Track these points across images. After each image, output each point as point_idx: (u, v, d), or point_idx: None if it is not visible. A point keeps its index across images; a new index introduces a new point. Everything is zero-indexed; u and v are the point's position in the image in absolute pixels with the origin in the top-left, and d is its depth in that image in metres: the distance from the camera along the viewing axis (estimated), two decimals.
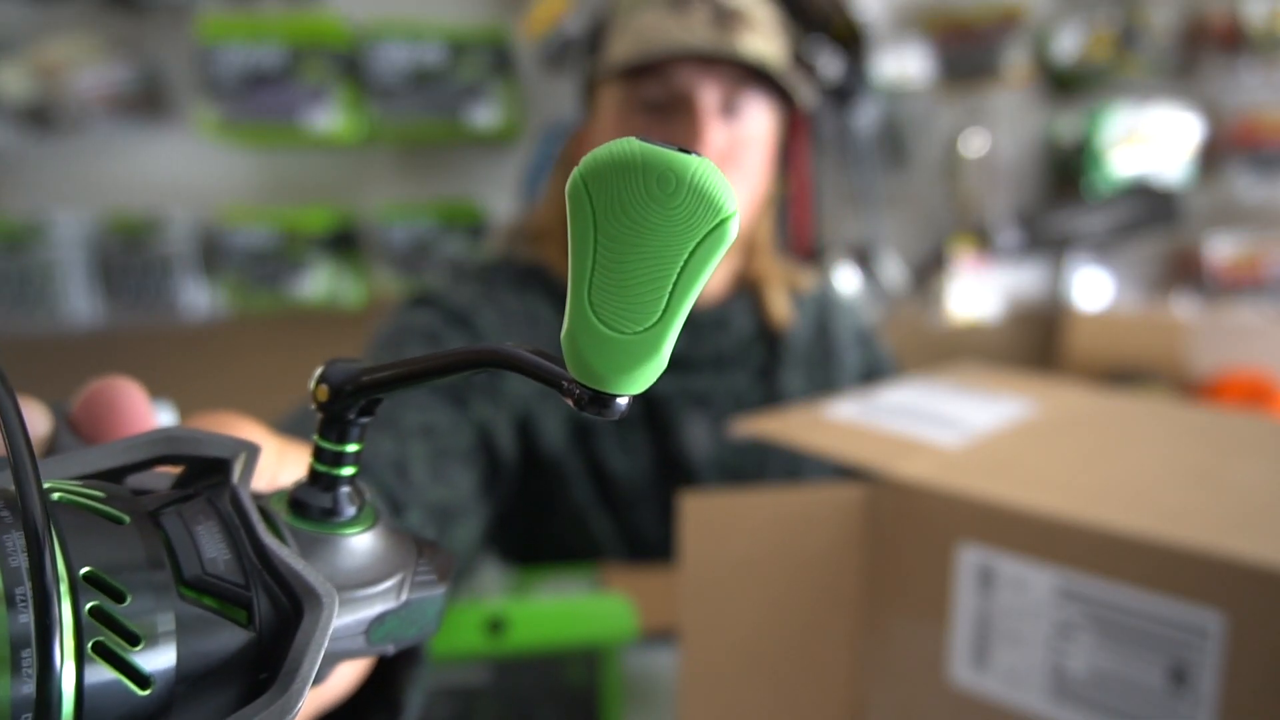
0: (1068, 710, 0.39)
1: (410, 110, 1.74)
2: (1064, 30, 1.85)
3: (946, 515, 0.42)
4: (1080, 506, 0.39)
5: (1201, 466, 0.45)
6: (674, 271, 0.17)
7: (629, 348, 0.17)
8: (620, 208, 0.16)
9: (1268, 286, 1.88)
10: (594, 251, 0.17)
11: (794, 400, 0.86)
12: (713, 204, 0.16)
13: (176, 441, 0.21)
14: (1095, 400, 0.59)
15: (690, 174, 0.16)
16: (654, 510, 0.81)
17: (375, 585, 0.21)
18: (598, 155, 0.17)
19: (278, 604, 0.19)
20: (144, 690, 0.17)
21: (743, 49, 0.72)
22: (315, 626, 0.18)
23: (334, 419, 0.21)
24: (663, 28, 0.72)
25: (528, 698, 0.59)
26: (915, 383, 0.68)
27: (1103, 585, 0.37)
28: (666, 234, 0.16)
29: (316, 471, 0.21)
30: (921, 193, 1.96)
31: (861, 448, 0.48)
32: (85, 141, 1.95)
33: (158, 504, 0.20)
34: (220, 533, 0.19)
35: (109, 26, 1.90)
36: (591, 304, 0.17)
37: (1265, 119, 1.83)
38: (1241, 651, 0.34)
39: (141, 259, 1.87)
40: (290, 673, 0.18)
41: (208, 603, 0.18)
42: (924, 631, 0.44)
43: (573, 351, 0.17)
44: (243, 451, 0.21)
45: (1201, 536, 0.36)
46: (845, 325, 0.93)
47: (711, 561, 0.45)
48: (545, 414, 0.77)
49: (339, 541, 0.21)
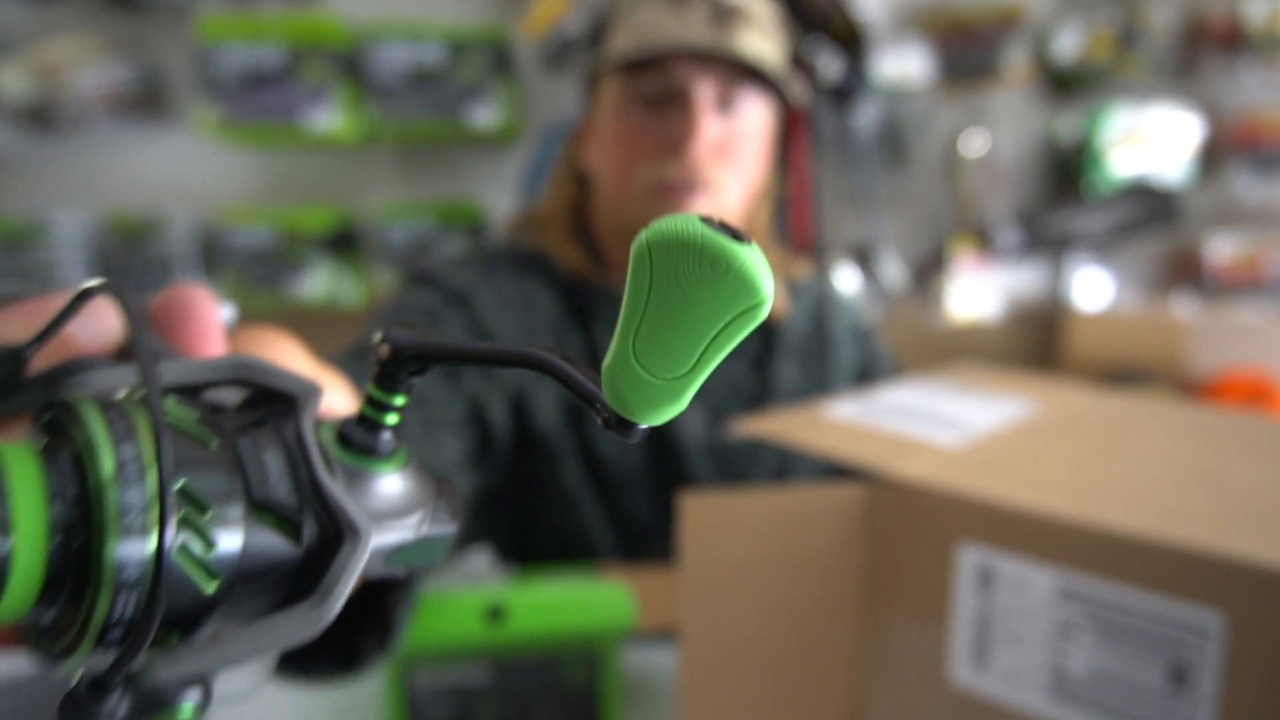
0: (1067, 710, 0.39)
1: (410, 110, 1.74)
2: (1064, 30, 1.85)
3: (946, 515, 0.42)
4: (1080, 506, 0.39)
5: (1202, 467, 0.45)
6: (709, 336, 0.20)
7: (660, 390, 0.20)
8: (675, 276, 0.19)
9: (1267, 286, 1.88)
10: (645, 308, 0.20)
11: (787, 391, 0.87)
12: (754, 290, 0.19)
13: (252, 370, 0.24)
14: (1095, 400, 0.59)
15: (739, 262, 0.19)
16: (644, 494, 0.82)
17: (401, 519, 0.25)
18: (664, 226, 0.19)
19: (323, 530, 0.23)
20: (212, 582, 0.21)
21: (739, 47, 0.74)
22: (352, 554, 0.22)
23: (388, 374, 0.24)
24: (662, 24, 0.74)
25: (527, 697, 0.59)
26: (915, 383, 0.68)
27: (1102, 585, 0.37)
28: (710, 306, 0.19)
29: (365, 415, 0.25)
30: (921, 193, 1.97)
31: (861, 448, 0.48)
32: (85, 141, 1.95)
33: (234, 427, 0.23)
34: (284, 461, 0.23)
35: (109, 27, 1.90)
36: (635, 350, 0.20)
37: (1265, 119, 1.83)
38: (1241, 652, 0.34)
39: (141, 259, 1.87)
40: (327, 590, 0.22)
41: (266, 520, 0.22)
42: (924, 631, 0.44)
43: (612, 385, 0.21)
44: (309, 392, 0.24)
45: (1201, 537, 0.36)
46: (842, 321, 0.93)
47: (711, 561, 0.45)
48: (539, 394, 0.78)
49: (375, 476, 0.25)
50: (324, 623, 0.21)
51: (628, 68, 0.76)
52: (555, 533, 0.84)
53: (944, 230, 1.98)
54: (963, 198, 1.87)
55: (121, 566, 0.19)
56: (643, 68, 0.76)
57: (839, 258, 1.78)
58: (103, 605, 0.19)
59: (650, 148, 0.76)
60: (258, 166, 1.97)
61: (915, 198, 1.97)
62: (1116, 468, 0.45)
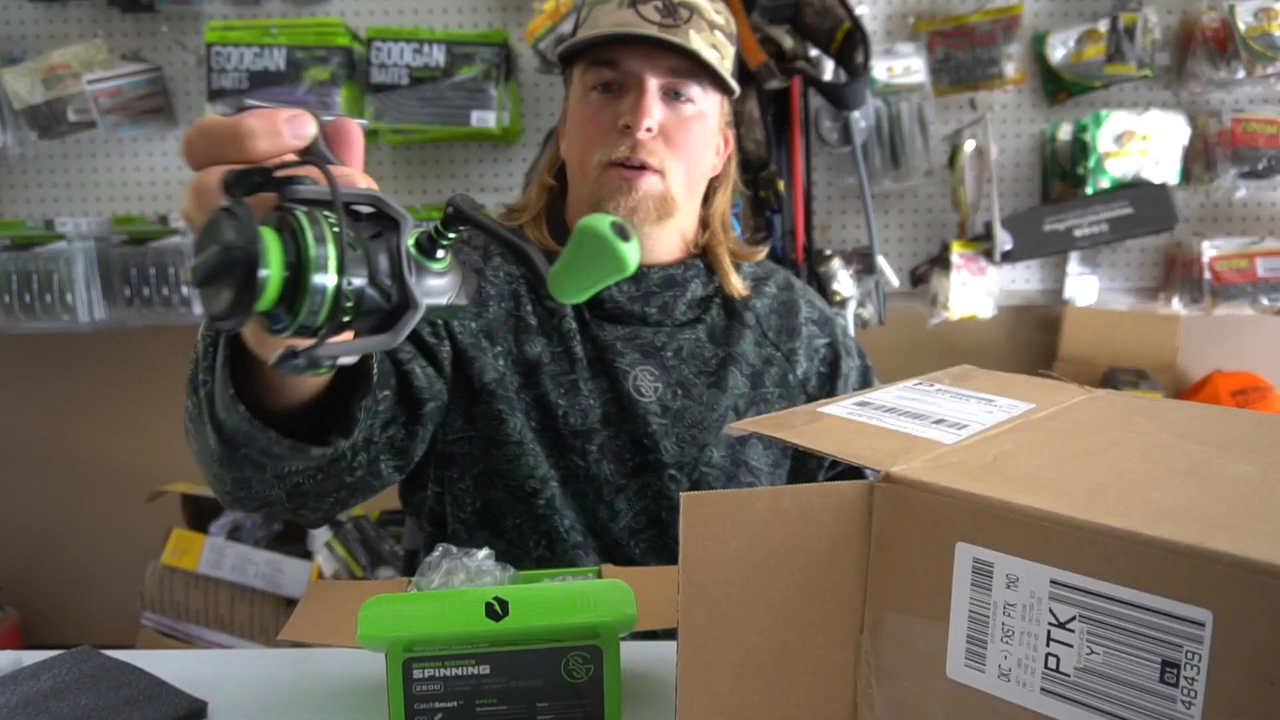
0: (1063, 706, 0.40)
1: (411, 111, 1.75)
2: (1060, 33, 1.86)
3: (944, 514, 0.43)
4: (1074, 504, 0.40)
5: (1194, 464, 0.45)
6: (595, 284, 0.41)
7: (569, 294, 0.42)
8: (587, 248, 0.40)
9: (1260, 287, 1.89)
10: (571, 259, 0.41)
11: (747, 363, 0.92)
12: (623, 267, 0.40)
13: (380, 202, 0.43)
14: (1091, 399, 0.60)
15: (619, 251, 0.39)
16: (598, 446, 0.87)
17: (441, 295, 0.46)
18: (590, 219, 0.40)
19: (401, 298, 0.43)
20: (350, 309, 0.41)
21: (684, 41, 0.83)
22: (415, 313, 0.43)
23: (447, 221, 0.45)
24: (617, 18, 0.84)
25: (528, 691, 0.59)
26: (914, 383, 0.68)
27: (1095, 583, 0.38)
28: (599, 269, 0.40)
29: (431, 236, 0.45)
30: (920, 193, 1.97)
31: (860, 446, 0.49)
32: (93, 144, 1.95)
33: (368, 235, 0.43)
34: (388, 260, 0.43)
35: (116, 31, 1.90)
36: (558, 273, 0.42)
37: (1257, 121, 1.84)
38: (1231, 648, 0.35)
39: (147, 259, 1.87)
40: (400, 328, 0.43)
41: (376, 287, 0.42)
42: (922, 629, 0.45)
43: (550, 279, 0.42)
44: (405, 220, 0.44)
45: (1191, 534, 0.36)
46: (808, 308, 0.99)
47: (710, 559, 0.46)
48: (484, 351, 0.87)
49: (430, 270, 0.45)
50: (396, 342, 0.42)
51: (589, 61, 0.87)
52: (512, 487, 0.87)
53: (941, 231, 1.99)
54: (961, 198, 1.88)
55: (315, 290, 0.39)
56: (600, 60, 0.86)
57: (837, 258, 1.79)
58: (305, 308, 0.40)
59: (604, 130, 0.86)
60: None
61: (914, 198, 1.98)
62: (1109, 466, 0.45)
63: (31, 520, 2.17)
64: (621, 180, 0.85)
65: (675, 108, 0.86)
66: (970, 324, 1.92)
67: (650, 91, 0.84)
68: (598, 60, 0.86)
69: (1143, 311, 1.99)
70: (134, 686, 0.66)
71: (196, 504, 1.99)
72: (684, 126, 0.86)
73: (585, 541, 0.87)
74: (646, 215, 0.86)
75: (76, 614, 2.20)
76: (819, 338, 0.97)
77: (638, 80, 0.84)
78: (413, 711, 0.59)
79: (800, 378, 0.94)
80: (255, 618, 1.87)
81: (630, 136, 0.84)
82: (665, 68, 0.85)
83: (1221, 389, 1.89)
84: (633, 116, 0.84)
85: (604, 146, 0.85)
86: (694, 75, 0.86)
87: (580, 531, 0.87)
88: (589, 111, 0.87)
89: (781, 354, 0.94)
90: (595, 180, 0.86)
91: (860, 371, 0.99)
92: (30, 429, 2.13)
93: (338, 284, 0.40)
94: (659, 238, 0.90)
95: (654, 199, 0.86)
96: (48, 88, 1.82)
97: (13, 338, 1.93)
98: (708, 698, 0.47)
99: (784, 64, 1.62)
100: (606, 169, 0.85)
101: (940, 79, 1.89)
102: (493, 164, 1.96)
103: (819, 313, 0.99)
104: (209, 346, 0.58)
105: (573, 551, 0.86)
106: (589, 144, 0.87)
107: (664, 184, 0.86)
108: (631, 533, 0.88)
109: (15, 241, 1.83)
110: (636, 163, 0.84)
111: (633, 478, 0.88)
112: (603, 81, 0.86)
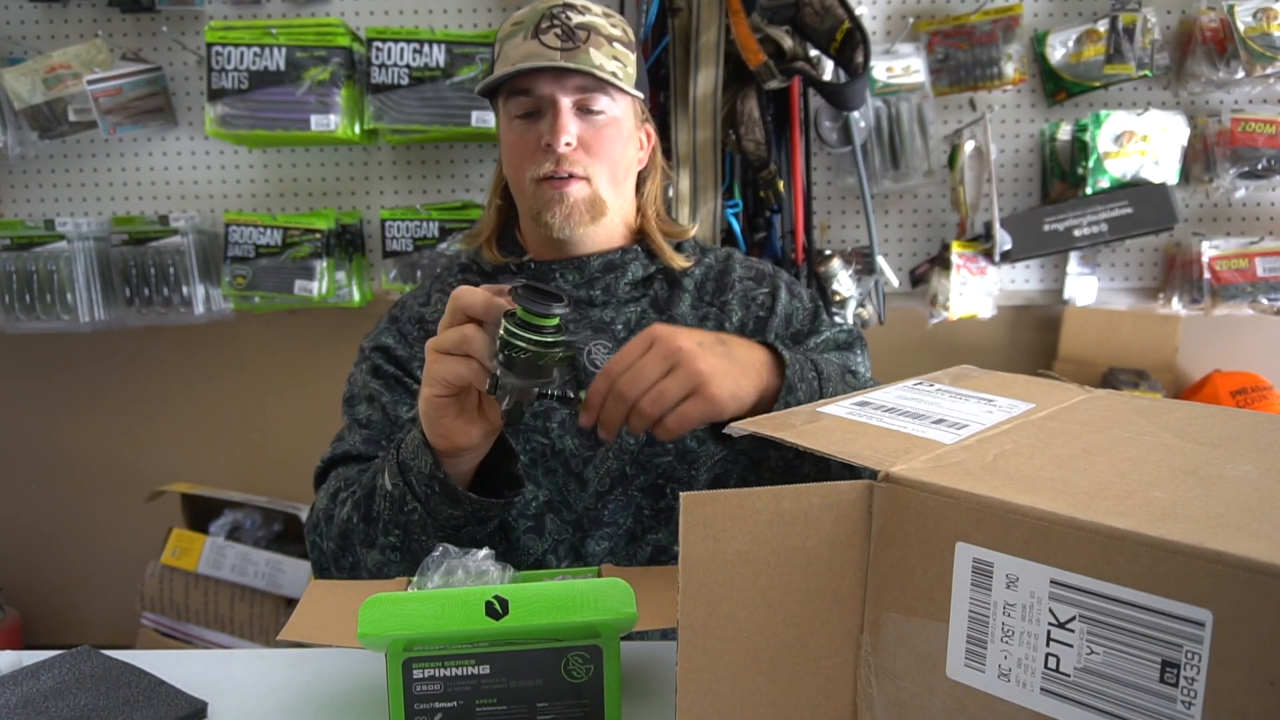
0: (1063, 706, 0.40)
1: (411, 111, 1.75)
2: (1060, 33, 1.86)
3: (944, 514, 0.43)
4: (1074, 504, 0.40)
5: (1194, 464, 0.45)
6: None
7: None
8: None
9: (1259, 287, 1.89)
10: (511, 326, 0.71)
11: (685, 324, 1.01)
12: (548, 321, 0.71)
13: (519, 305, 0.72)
14: (1090, 399, 0.60)
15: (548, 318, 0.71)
16: (558, 423, 0.96)
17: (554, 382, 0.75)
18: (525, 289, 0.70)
19: (564, 394, 0.76)
20: (541, 380, 0.73)
21: (585, 63, 0.93)
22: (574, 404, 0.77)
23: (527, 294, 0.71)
24: (525, 50, 0.94)
25: (528, 692, 0.59)
26: (913, 383, 0.68)
27: (1095, 583, 0.38)
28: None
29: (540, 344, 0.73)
30: (920, 193, 1.97)
31: (860, 446, 0.49)
32: (93, 144, 1.95)
33: (558, 357, 0.73)
34: (564, 370, 0.74)
35: (116, 31, 1.90)
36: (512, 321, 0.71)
37: (1256, 121, 1.84)
38: (1231, 648, 0.35)
39: (147, 259, 1.87)
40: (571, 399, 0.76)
41: (549, 393, 0.75)
42: (922, 629, 0.45)
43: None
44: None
45: (1191, 534, 0.36)
46: (742, 269, 1.07)
47: (710, 558, 0.46)
48: None
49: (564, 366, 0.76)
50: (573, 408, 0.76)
51: (507, 93, 0.97)
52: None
53: (941, 231, 1.99)
54: (961, 198, 1.88)
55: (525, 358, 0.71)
56: (516, 90, 0.96)
57: (837, 258, 1.79)
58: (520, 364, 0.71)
59: (531, 150, 0.97)
60: (261, 167, 1.98)
61: (914, 198, 1.98)
62: (1109, 466, 0.45)
63: (31, 520, 2.17)
64: (553, 191, 0.96)
65: (589, 120, 0.97)
66: (970, 324, 1.92)
67: (564, 111, 0.94)
68: (514, 90, 0.96)
69: (1142, 311, 1.99)
70: (134, 686, 0.66)
71: (196, 504, 1.99)
72: (600, 135, 0.97)
73: (551, 513, 0.97)
74: (581, 219, 0.97)
75: (76, 614, 2.20)
76: (757, 290, 1.05)
77: (551, 103, 0.95)
78: (413, 711, 0.59)
79: (736, 325, 1.02)
80: (255, 618, 1.87)
81: (553, 153, 0.95)
82: (573, 87, 0.95)
83: (1221, 389, 1.89)
84: (552, 135, 0.94)
85: (533, 165, 0.96)
86: (600, 88, 0.96)
87: (547, 505, 0.96)
88: (515, 136, 0.98)
89: (715, 307, 1.03)
90: (531, 195, 0.97)
91: (809, 313, 1.05)
92: (30, 429, 2.13)
93: None
94: (597, 232, 1.01)
95: (584, 203, 0.97)
96: (48, 88, 1.82)
97: (13, 338, 1.93)
98: (708, 698, 0.47)
99: (784, 64, 1.62)
100: (539, 184, 0.96)
101: (940, 79, 1.89)
102: (493, 164, 1.96)
103: (756, 271, 1.07)
104: (405, 489, 0.82)
105: (531, 532, 0.96)
106: (520, 164, 0.98)
107: (591, 188, 0.97)
108: (598, 496, 0.96)
109: (15, 241, 1.83)
110: (564, 174, 0.95)
111: (597, 446, 0.96)
112: (523, 110, 0.97)
